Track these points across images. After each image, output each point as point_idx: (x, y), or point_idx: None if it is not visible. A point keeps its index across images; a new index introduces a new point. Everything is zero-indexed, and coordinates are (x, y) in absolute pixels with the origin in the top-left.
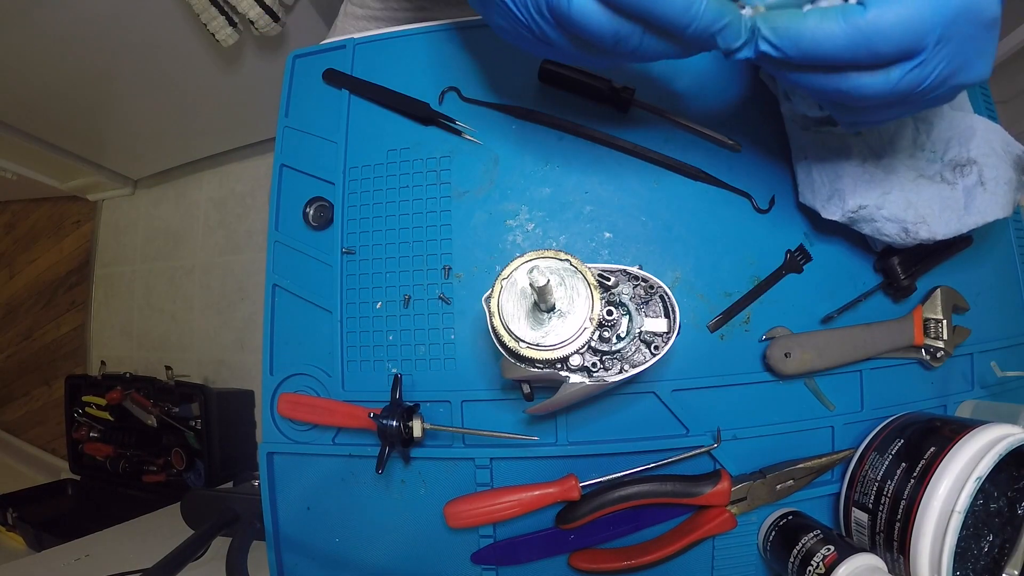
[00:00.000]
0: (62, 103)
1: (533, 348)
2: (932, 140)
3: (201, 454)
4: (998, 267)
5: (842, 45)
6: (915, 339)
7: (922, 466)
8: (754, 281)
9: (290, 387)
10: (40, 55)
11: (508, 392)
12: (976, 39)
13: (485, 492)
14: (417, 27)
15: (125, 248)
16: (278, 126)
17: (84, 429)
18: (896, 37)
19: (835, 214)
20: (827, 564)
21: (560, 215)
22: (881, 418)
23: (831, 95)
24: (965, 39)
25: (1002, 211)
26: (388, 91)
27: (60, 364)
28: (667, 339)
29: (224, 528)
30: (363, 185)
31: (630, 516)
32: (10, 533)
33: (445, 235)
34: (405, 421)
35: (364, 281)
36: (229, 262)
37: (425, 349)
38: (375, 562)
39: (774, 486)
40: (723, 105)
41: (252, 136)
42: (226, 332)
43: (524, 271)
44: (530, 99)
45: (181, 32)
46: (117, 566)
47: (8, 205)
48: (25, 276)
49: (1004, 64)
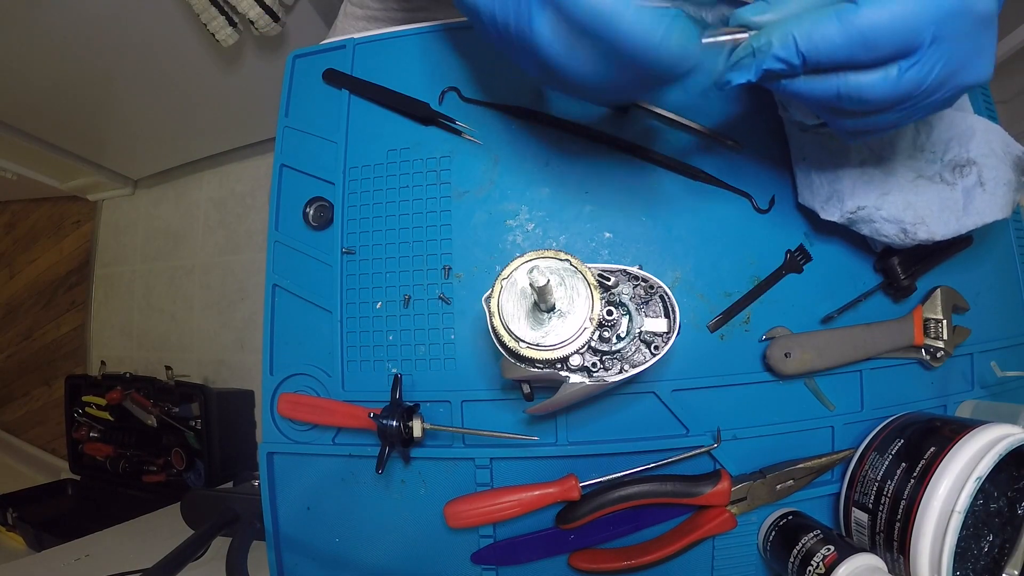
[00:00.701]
0: (62, 103)
1: (533, 348)
2: (931, 141)
3: (201, 454)
4: (998, 267)
5: (840, 44)
6: (915, 339)
7: (922, 466)
8: (754, 281)
9: (290, 387)
10: (40, 55)
11: (508, 392)
12: (972, 36)
13: (485, 492)
14: (417, 27)
15: (125, 248)
16: (278, 126)
17: (84, 429)
18: (891, 33)
19: (834, 215)
20: (827, 564)
21: (560, 215)
22: (881, 418)
23: (833, 101)
24: (961, 36)
25: (1001, 212)
26: (388, 91)
27: (60, 364)
28: (667, 339)
29: (224, 528)
30: (363, 185)
31: (630, 516)
32: (10, 533)
33: (445, 235)
34: (405, 421)
35: (364, 281)
36: (229, 262)
37: (425, 349)
38: (375, 562)
39: (774, 486)
40: (723, 105)
41: (252, 136)
42: (226, 332)
43: (524, 271)
44: (530, 99)
45: (181, 32)
46: (117, 566)
47: (8, 205)
48: (25, 276)
49: (1004, 64)
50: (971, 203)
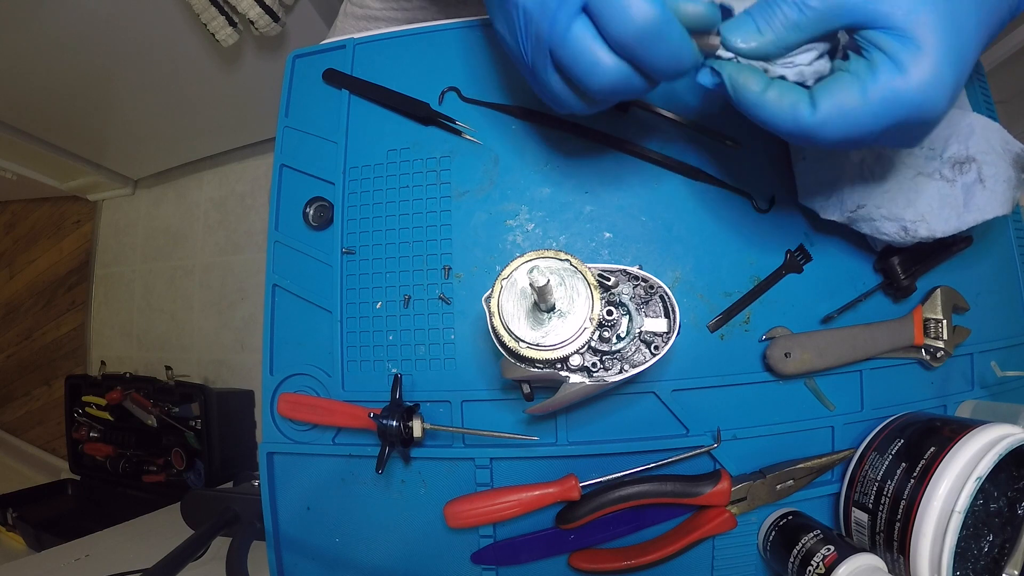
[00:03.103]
0: (62, 103)
1: (533, 348)
2: (931, 138)
3: (201, 454)
4: (998, 267)
5: (786, 128)
6: (915, 339)
7: (922, 466)
8: (754, 281)
9: (290, 387)
10: (40, 55)
11: (508, 392)
12: (917, 133)
13: (485, 492)
14: (417, 27)
15: (125, 248)
16: (278, 126)
17: (84, 429)
18: (835, 136)
19: (834, 214)
20: (827, 564)
21: (560, 215)
22: (881, 418)
23: None
24: (905, 133)
25: (1001, 208)
26: (388, 91)
27: (60, 364)
28: (667, 339)
29: (224, 528)
30: (363, 185)
31: (630, 516)
32: (10, 533)
33: (445, 235)
34: (405, 421)
35: (364, 281)
36: (229, 262)
37: (425, 349)
38: (375, 562)
39: (774, 486)
40: (723, 105)
41: (252, 136)
42: (226, 332)
43: (524, 271)
44: (530, 99)
45: (181, 32)
46: (117, 566)
47: (8, 205)
48: (25, 276)
49: (1004, 64)
50: (971, 200)
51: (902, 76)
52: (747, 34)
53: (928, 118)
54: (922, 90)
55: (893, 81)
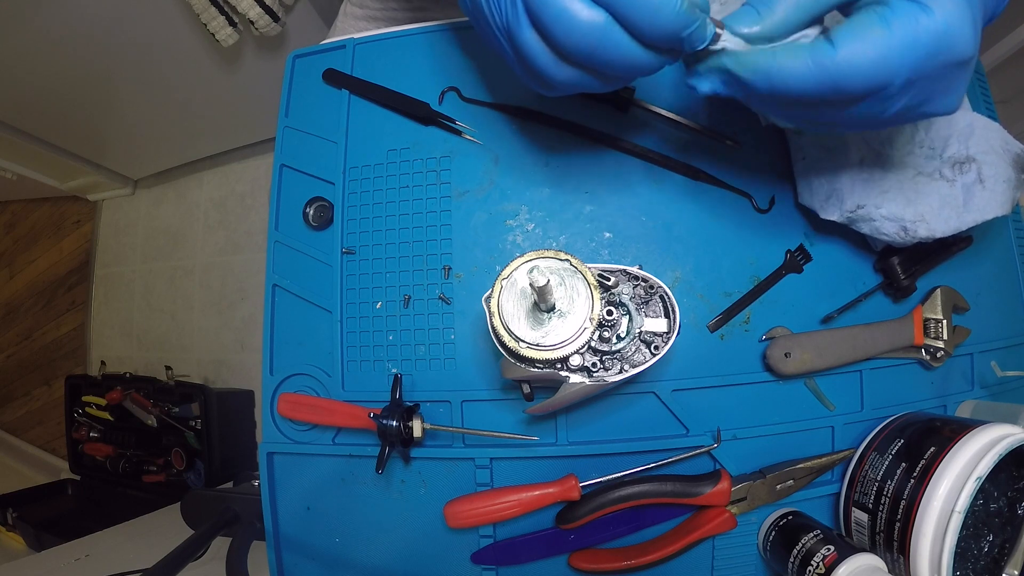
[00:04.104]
0: (62, 103)
1: (533, 348)
2: (931, 137)
3: (201, 454)
4: (998, 267)
5: (810, 83)
6: (915, 339)
7: (922, 466)
8: (754, 281)
9: (290, 387)
10: (40, 55)
11: (508, 392)
12: (946, 78)
13: (485, 492)
14: (417, 27)
15: (125, 248)
16: (278, 126)
17: (84, 429)
18: (863, 78)
19: (833, 214)
20: (827, 564)
21: (560, 215)
22: (881, 418)
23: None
24: (934, 78)
25: (1001, 209)
26: (388, 91)
27: (60, 364)
28: (667, 339)
29: (224, 528)
30: (363, 185)
31: (630, 516)
32: (10, 533)
33: (445, 235)
34: (405, 421)
35: (364, 281)
36: (229, 262)
37: (425, 349)
38: (375, 562)
39: (774, 486)
40: (723, 104)
41: (252, 136)
42: (226, 332)
43: (524, 271)
44: (530, 99)
45: (181, 32)
46: (117, 566)
47: (8, 205)
48: (25, 276)
49: (1004, 64)
50: (971, 200)
51: (926, 13)
52: (751, 19)
53: (958, 54)
54: (948, 22)
55: (917, 17)
